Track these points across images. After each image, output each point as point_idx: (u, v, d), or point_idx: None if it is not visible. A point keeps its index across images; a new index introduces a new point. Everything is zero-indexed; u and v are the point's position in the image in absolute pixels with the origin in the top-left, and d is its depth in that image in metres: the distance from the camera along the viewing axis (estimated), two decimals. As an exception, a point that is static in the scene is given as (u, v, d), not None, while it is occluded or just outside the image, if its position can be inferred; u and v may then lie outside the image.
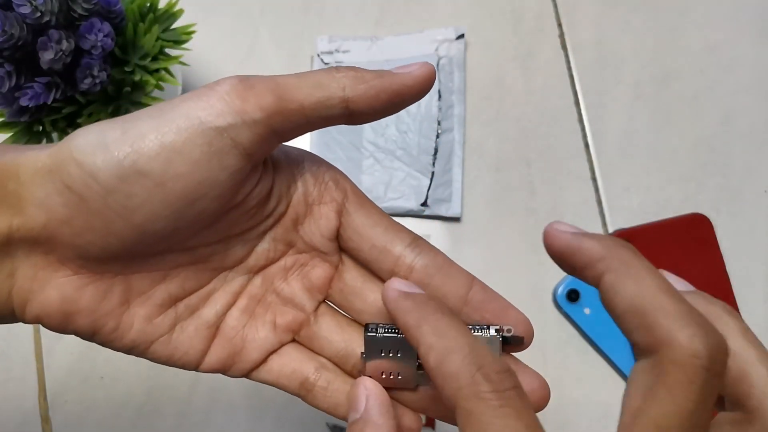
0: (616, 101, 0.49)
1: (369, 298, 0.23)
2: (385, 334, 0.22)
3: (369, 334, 0.22)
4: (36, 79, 0.35)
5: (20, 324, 0.50)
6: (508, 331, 0.22)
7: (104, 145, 0.18)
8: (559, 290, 0.45)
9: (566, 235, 0.18)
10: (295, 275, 0.24)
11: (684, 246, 0.45)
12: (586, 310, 0.45)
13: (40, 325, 0.48)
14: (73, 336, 0.21)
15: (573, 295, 0.45)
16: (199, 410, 0.45)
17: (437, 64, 0.49)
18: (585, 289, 0.45)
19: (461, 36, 0.49)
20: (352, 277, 0.24)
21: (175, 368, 0.47)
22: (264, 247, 0.23)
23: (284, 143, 0.21)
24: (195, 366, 0.23)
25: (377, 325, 0.22)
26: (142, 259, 0.21)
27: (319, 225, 0.22)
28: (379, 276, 0.23)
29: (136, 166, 0.18)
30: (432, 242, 0.23)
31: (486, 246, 0.47)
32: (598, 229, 0.47)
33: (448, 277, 0.22)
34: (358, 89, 0.20)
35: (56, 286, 0.19)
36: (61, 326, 0.20)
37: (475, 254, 0.47)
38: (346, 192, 0.23)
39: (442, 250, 0.23)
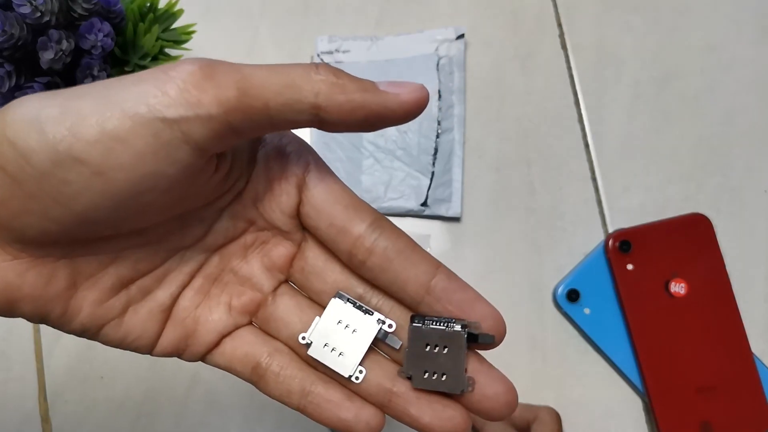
0: (616, 101, 0.49)
1: (329, 278, 0.22)
2: (432, 326, 0.20)
3: (415, 324, 0.20)
4: (36, 79, 0.35)
5: (20, 324, 0.50)
6: (476, 327, 0.20)
7: (39, 125, 0.16)
8: (559, 290, 0.45)
9: None
10: (255, 253, 0.22)
11: (684, 246, 0.45)
12: (586, 310, 0.45)
13: (40, 326, 0.48)
14: (72, 336, 0.21)
15: (573, 295, 0.45)
16: (198, 411, 0.45)
17: (437, 64, 0.49)
18: (585, 289, 0.45)
19: (461, 36, 0.49)
20: (315, 255, 0.22)
21: (174, 368, 0.47)
22: (222, 225, 0.22)
23: None
24: (149, 350, 0.21)
25: (424, 316, 0.20)
26: (87, 243, 0.19)
27: (279, 202, 0.21)
28: (338, 257, 0.21)
29: (72, 151, 0.16)
30: (432, 242, 0.22)
31: (486, 246, 0.47)
32: (598, 229, 0.47)
33: (409, 262, 0.20)
34: (334, 99, 0.18)
35: None
36: (6, 312, 0.19)
37: (475, 254, 0.47)
38: (308, 165, 0.21)
39: (442, 251, 0.22)
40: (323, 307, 0.22)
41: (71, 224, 0.17)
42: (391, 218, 0.24)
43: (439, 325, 0.20)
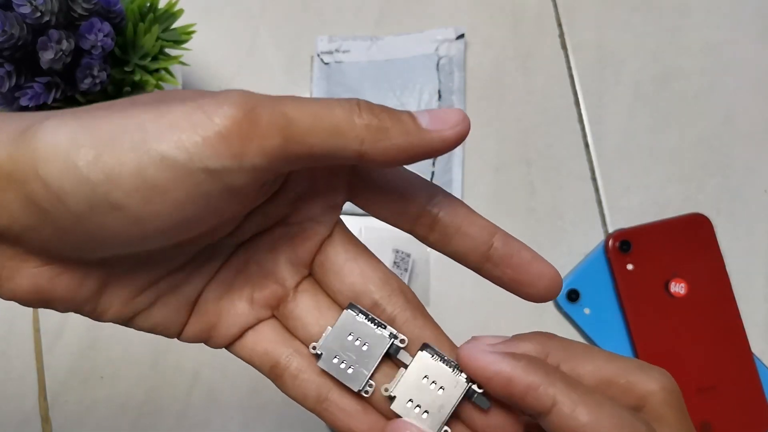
0: (616, 101, 0.49)
1: (347, 279, 0.21)
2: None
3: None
4: (36, 79, 0.35)
5: (20, 324, 0.50)
6: (479, 387, 0.20)
7: (74, 167, 0.15)
8: (559, 290, 0.45)
9: (488, 358, 0.19)
10: (282, 247, 0.22)
11: (684, 246, 0.45)
12: (586, 310, 0.45)
13: (40, 326, 0.48)
14: (73, 335, 0.21)
15: (573, 295, 0.45)
16: (199, 410, 0.45)
17: (437, 64, 0.49)
18: (585, 289, 0.45)
19: (461, 36, 0.49)
20: (336, 252, 0.22)
21: (175, 368, 0.47)
22: (253, 222, 0.21)
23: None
24: (176, 336, 0.22)
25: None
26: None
27: (325, 197, 0.21)
28: (402, 228, 0.21)
29: (110, 198, 0.16)
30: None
31: (486, 246, 0.47)
32: (598, 229, 0.47)
33: (468, 233, 0.20)
34: (378, 146, 0.17)
35: (27, 276, 0.18)
36: (37, 307, 0.19)
37: (475, 254, 0.47)
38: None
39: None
40: (341, 307, 0.22)
41: (106, 255, 0.18)
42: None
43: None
